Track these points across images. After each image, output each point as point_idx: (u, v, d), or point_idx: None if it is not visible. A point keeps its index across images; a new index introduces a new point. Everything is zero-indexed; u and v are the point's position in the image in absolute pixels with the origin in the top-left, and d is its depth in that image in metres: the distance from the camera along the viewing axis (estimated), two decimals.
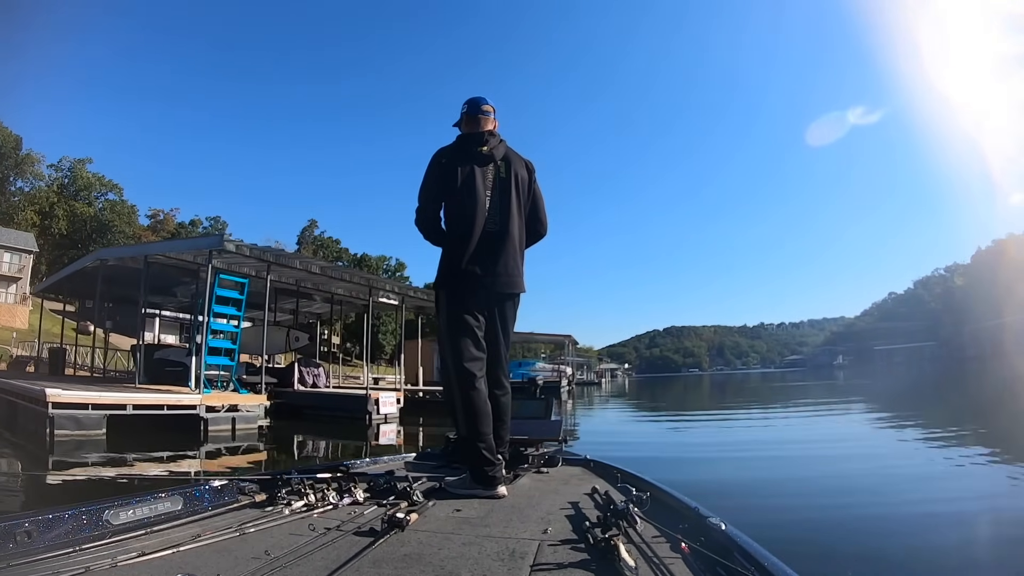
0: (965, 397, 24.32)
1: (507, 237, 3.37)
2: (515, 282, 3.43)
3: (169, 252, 18.23)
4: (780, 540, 3.69)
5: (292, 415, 18.52)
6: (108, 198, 70.26)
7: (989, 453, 9.45)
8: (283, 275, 20.62)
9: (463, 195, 3.31)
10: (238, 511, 2.64)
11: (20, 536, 2.01)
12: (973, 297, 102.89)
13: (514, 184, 3.45)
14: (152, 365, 18.91)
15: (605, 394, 46.24)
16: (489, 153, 3.44)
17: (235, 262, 17.83)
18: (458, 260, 3.27)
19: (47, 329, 28.56)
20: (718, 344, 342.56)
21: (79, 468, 9.93)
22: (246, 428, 14.77)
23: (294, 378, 21.50)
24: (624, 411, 26.90)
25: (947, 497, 6.60)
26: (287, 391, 20.23)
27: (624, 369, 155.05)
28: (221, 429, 14.20)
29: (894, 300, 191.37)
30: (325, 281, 22.25)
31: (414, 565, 1.89)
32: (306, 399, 20.23)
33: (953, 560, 4.63)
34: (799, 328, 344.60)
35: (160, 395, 14.18)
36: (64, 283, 25.00)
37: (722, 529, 2.02)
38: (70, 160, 68.51)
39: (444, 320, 3.33)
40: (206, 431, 13.81)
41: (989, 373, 40.83)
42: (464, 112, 3.61)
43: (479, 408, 3.17)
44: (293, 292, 24.01)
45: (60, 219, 62.39)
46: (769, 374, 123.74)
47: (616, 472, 3.32)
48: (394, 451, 10.56)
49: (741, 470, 8.82)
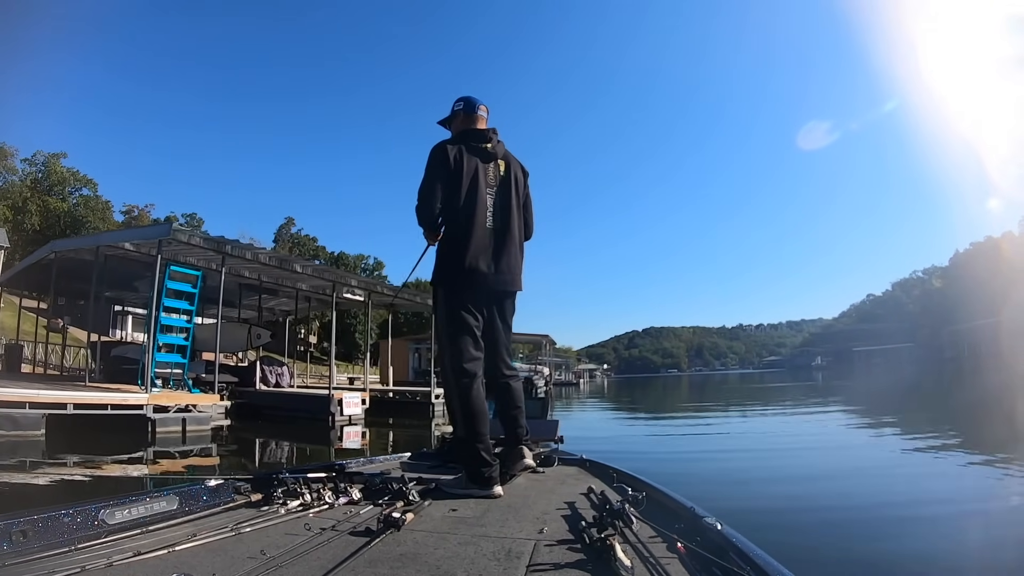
0: (949, 398, 24.41)
1: (508, 235, 3.39)
2: (515, 280, 3.45)
3: (119, 242, 17.32)
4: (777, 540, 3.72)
5: (253, 416, 17.92)
6: (83, 193, 68.93)
7: (977, 454, 9.56)
8: (243, 269, 19.87)
9: (467, 191, 3.29)
10: (234, 510, 2.63)
11: (15, 536, 1.99)
12: (951, 299, 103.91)
13: (513, 183, 3.47)
14: (109, 363, 18.38)
15: (583, 395, 46.09)
16: (492, 151, 3.44)
17: (187, 253, 17.08)
18: (460, 256, 3.26)
19: (15, 327, 27.65)
20: (697, 345, 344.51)
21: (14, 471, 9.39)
22: (198, 430, 13.83)
23: (256, 377, 20.80)
24: (601, 412, 26.90)
25: (939, 499, 6.71)
26: (248, 391, 19.68)
27: (603, 370, 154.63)
28: (170, 431, 13.33)
29: (872, 302, 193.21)
30: (289, 276, 21.60)
31: (410, 565, 1.89)
32: (268, 399, 19.56)
33: (947, 557, 4.71)
34: (777, 329, 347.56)
35: (104, 394, 13.33)
36: (22, 276, 24.09)
37: (718, 529, 2.02)
38: (44, 154, 67.13)
39: (443, 317, 3.31)
40: (154, 433, 12.99)
41: (969, 374, 41.17)
42: (459, 109, 3.58)
43: (477, 408, 3.17)
44: (256, 287, 23.30)
45: (33, 214, 60.98)
46: (748, 375, 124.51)
47: (612, 472, 3.32)
48: (358, 454, 10.41)
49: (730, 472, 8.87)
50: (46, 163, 66.79)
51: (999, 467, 8.47)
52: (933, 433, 12.55)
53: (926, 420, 15.43)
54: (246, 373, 21.24)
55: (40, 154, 67.24)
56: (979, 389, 26.98)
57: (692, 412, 24.01)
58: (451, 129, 3.63)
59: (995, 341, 70.11)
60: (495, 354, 3.42)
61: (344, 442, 14.84)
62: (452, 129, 3.61)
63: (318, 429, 16.43)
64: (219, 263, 16.68)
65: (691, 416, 22.03)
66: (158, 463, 10.99)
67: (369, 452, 12.80)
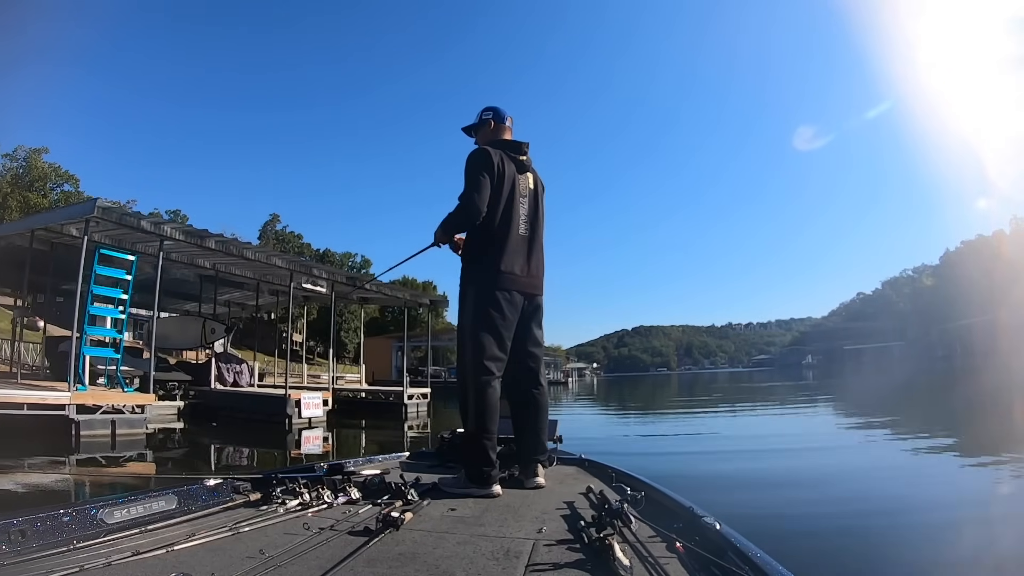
0: (947, 397, 23.90)
1: (536, 243, 3.52)
2: (541, 285, 3.56)
3: (47, 224, 15.54)
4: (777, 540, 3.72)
5: (209, 417, 16.84)
6: (64, 189, 68.12)
7: (977, 456, 9.45)
8: (196, 258, 18.32)
9: (506, 198, 3.39)
10: (232, 510, 2.64)
11: (14, 535, 2.00)
12: (942, 297, 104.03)
13: (539, 195, 3.59)
14: (56, 359, 16.84)
15: (572, 394, 45.67)
16: (526, 163, 3.55)
17: (132, 239, 15.43)
18: (496, 258, 3.34)
19: None
20: (686, 344, 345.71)
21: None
22: (130, 434, 12.44)
23: (211, 375, 19.32)
24: (592, 411, 26.68)
25: (938, 498, 6.71)
26: (203, 390, 18.60)
27: (592, 368, 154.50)
28: (97, 435, 11.97)
29: (862, 300, 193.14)
30: (250, 265, 19.76)
31: (409, 564, 1.90)
32: (224, 400, 18.40)
33: (947, 557, 4.73)
34: (767, 328, 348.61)
35: (20, 392, 11.96)
36: None
37: (716, 529, 2.03)
38: (26, 149, 66.24)
39: (470, 315, 3.35)
40: (78, 437, 11.65)
41: (964, 372, 41.01)
42: (489, 118, 3.67)
43: (490, 405, 3.21)
44: (211, 278, 21.76)
45: (13, 210, 60.08)
46: (737, 374, 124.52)
47: (611, 471, 3.34)
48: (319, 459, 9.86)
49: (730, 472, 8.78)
50: (27, 158, 66.01)
51: (1000, 467, 8.44)
52: (930, 433, 12.51)
53: (925, 419, 15.34)
54: (201, 371, 19.99)
55: (21, 149, 66.27)
56: (976, 387, 26.80)
57: (683, 410, 23.80)
58: (477, 137, 3.70)
59: (988, 339, 70.13)
60: (524, 364, 3.48)
61: (302, 447, 13.78)
62: (479, 138, 3.68)
63: (274, 432, 15.42)
64: (157, 248, 15.12)
65: (683, 414, 21.78)
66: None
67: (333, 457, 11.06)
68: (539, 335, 3.56)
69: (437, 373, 46.72)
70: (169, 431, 14.36)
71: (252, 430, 15.89)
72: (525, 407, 3.46)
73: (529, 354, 3.48)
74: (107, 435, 12.15)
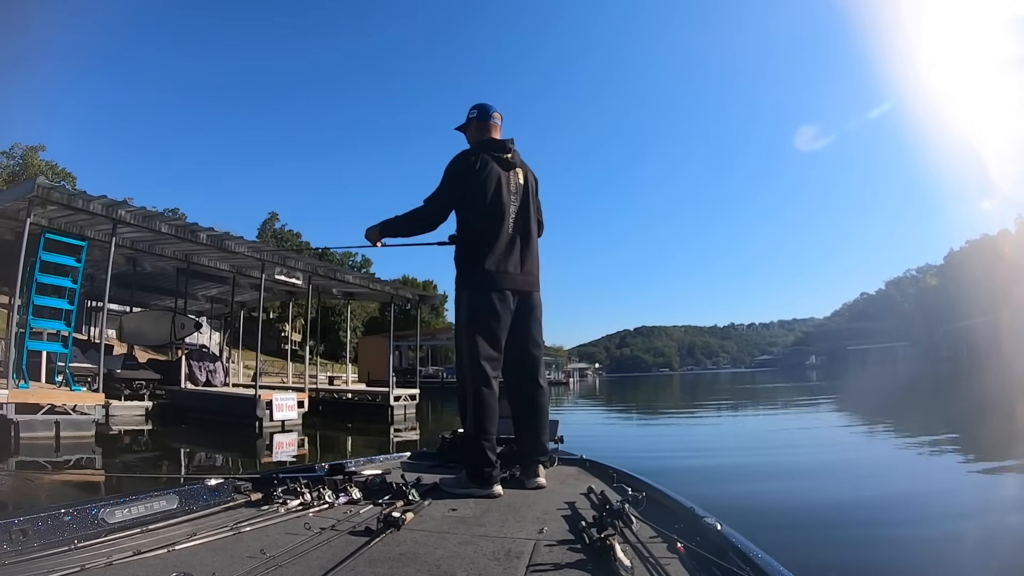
0: (958, 399, 23.61)
1: (528, 240, 3.49)
2: (536, 282, 3.53)
3: None
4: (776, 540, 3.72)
5: (178, 419, 16.04)
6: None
7: (986, 460, 9.35)
8: (154, 245, 17.44)
9: (491, 198, 3.37)
10: (233, 510, 2.64)
11: (15, 535, 2.00)
12: (946, 297, 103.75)
13: (530, 191, 3.56)
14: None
15: (573, 395, 45.53)
16: (511, 160, 3.52)
17: (87, 225, 14.52)
18: (486, 259, 3.32)
19: None
20: (688, 344, 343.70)
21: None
22: (76, 437, 11.51)
23: (181, 374, 18.32)
24: (594, 411, 26.64)
25: (938, 498, 6.76)
26: (173, 389, 17.77)
27: (594, 369, 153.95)
28: (39, 437, 11.09)
29: (865, 300, 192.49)
30: (230, 258, 19.05)
31: (409, 564, 1.90)
32: (192, 400, 17.50)
33: (946, 557, 4.74)
34: (769, 328, 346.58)
35: None
36: None
37: (718, 529, 2.03)
38: (23, 147, 66.36)
39: (465, 317, 3.35)
40: (16, 439, 10.75)
41: (970, 374, 40.78)
42: (474, 117, 3.65)
43: (489, 405, 3.21)
44: (183, 269, 20.57)
45: None
46: (739, 374, 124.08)
47: (612, 472, 3.34)
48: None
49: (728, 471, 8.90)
50: (24, 156, 66.05)
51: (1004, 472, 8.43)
52: (934, 434, 12.45)
53: (929, 420, 15.30)
54: (171, 369, 18.93)
55: (18, 147, 66.26)
56: (981, 389, 26.54)
57: (686, 411, 23.86)
58: (467, 136, 3.70)
59: (994, 339, 70.01)
60: (524, 364, 3.47)
61: (273, 453, 12.80)
62: (468, 136, 3.69)
63: (243, 436, 14.50)
64: (110, 232, 14.24)
65: (685, 415, 21.85)
66: None
67: None
68: (538, 334, 3.54)
69: (436, 373, 46.80)
70: (136, 433, 13.80)
71: (221, 433, 15.18)
72: (525, 407, 3.45)
73: (529, 354, 3.47)
74: (51, 437, 11.33)
